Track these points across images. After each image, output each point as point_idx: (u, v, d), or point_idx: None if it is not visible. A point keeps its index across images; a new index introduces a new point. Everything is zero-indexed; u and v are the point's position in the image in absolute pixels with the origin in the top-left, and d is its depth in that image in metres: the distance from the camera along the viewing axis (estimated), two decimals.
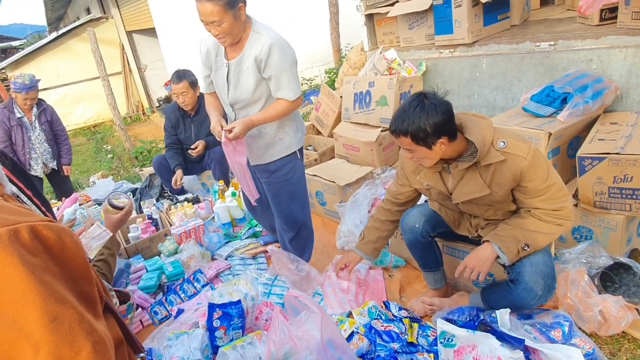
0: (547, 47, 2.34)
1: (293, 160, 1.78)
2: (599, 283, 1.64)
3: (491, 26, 2.70)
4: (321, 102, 3.28)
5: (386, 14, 3.00)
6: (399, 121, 1.29)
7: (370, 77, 2.91)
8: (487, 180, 1.34)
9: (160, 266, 2.09)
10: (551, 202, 1.31)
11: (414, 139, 1.27)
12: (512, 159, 1.29)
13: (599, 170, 1.73)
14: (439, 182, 1.44)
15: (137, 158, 4.75)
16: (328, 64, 5.72)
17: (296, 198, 1.81)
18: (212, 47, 1.70)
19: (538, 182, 1.30)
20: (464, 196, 1.39)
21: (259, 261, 2.19)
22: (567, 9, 2.90)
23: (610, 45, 2.10)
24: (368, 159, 2.70)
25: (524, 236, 1.32)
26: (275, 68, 1.57)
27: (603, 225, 1.79)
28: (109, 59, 7.55)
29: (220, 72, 1.69)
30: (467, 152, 1.34)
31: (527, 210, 1.36)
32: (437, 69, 2.80)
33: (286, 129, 1.75)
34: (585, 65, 2.19)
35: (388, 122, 2.73)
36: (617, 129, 1.88)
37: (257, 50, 1.57)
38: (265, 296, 1.83)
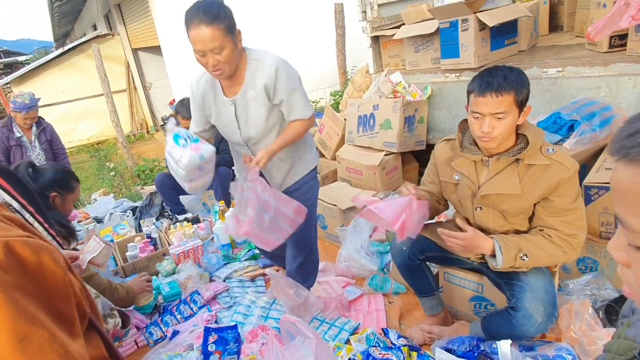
0: (554, 73, 2.45)
1: (311, 180, 1.84)
2: (603, 316, 1.68)
3: (498, 51, 2.82)
4: (325, 124, 3.41)
5: (392, 36, 3.16)
6: (501, 78, 1.26)
7: (375, 100, 3.04)
8: (523, 181, 1.36)
9: (157, 286, 2.17)
10: (568, 227, 1.34)
11: (518, 95, 1.26)
12: (556, 167, 1.31)
13: (606, 200, 1.79)
14: (473, 173, 1.45)
15: (139, 176, 4.92)
16: (334, 86, 5.91)
17: (311, 221, 1.82)
18: (208, 89, 1.65)
19: (567, 200, 1.33)
20: (493, 189, 1.39)
21: (257, 284, 2.26)
22: (576, 35, 3.02)
23: (619, 72, 2.19)
24: (371, 182, 2.80)
25: (527, 247, 1.35)
26: (285, 91, 1.57)
27: (609, 257, 1.83)
28: (114, 76, 7.89)
29: (225, 111, 1.65)
30: (515, 148, 1.37)
31: (539, 230, 1.39)
32: (443, 93, 2.92)
33: (302, 147, 1.79)
34: (594, 93, 2.29)
35: (392, 145, 2.85)
36: None
37: (263, 78, 1.55)
38: (262, 319, 1.89)
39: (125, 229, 2.85)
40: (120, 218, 3.14)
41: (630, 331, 0.61)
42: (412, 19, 3.07)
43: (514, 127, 1.33)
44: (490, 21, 2.58)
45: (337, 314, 1.93)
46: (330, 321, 1.88)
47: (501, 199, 1.40)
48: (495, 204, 1.42)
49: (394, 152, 2.83)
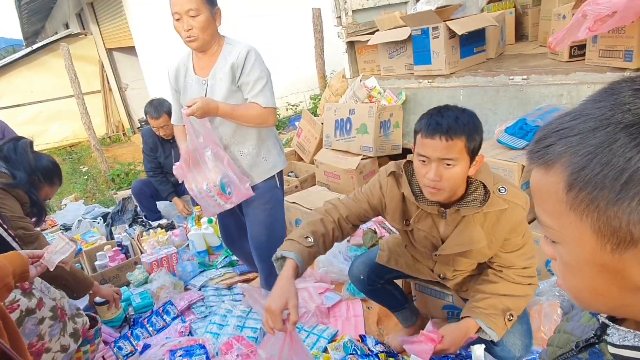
0: (520, 80, 2.48)
1: (272, 189, 1.75)
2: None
3: (468, 58, 2.85)
4: (303, 128, 3.35)
5: (367, 42, 3.13)
6: (452, 119, 1.08)
7: (351, 104, 3.01)
8: (485, 229, 1.22)
9: (127, 297, 2.06)
10: (522, 259, 1.26)
11: (469, 142, 1.09)
12: (513, 208, 1.18)
13: None
14: (433, 228, 1.27)
15: (114, 180, 4.71)
16: (313, 90, 5.86)
17: (272, 230, 1.76)
18: (181, 66, 1.65)
19: (521, 235, 1.25)
20: (457, 247, 1.25)
21: (234, 292, 2.18)
22: (540, 45, 3.09)
23: (579, 81, 2.24)
24: (348, 186, 2.76)
25: (503, 304, 1.22)
26: (251, 74, 1.55)
27: None
28: (88, 77, 7.55)
29: (193, 90, 1.63)
30: (471, 196, 1.20)
31: (498, 270, 1.29)
32: (417, 98, 2.92)
33: (270, 148, 1.72)
34: (556, 100, 2.33)
35: (369, 150, 2.82)
36: None
37: (233, 58, 1.55)
38: (238, 330, 1.82)
39: (94, 236, 2.70)
40: (90, 225, 2.96)
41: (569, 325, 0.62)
42: (386, 26, 3.06)
43: (464, 178, 1.16)
44: (460, 29, 2.59)
45: (315, 321, 1.88)
46: (309, 329, 1.84)
47: (463, 253, 1.28)
48: (458, 254, 1.30)
49: (371, 156, 2.81)
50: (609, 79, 2.14)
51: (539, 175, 0.44)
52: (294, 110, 6.20)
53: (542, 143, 0.44)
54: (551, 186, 0.42)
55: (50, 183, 1.84)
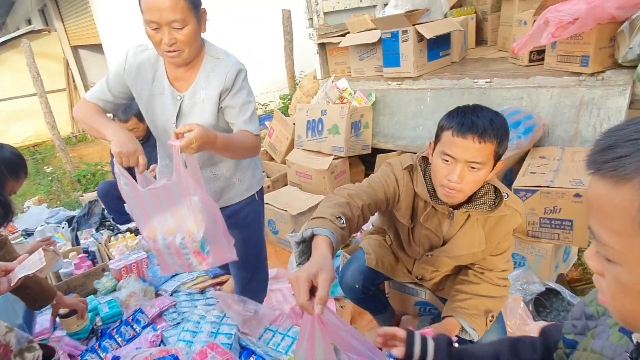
0: (484, 84, 2.47)
1: (250, 203, 1.49)
2: (533, 309, 1.69)
3: (434, 62, 2.81)
4: (274, 128, 3.21)
5: (338, 44, 3.03)
6: (487, 121, 0.96)
7: (323, 105, 2.90)
8: (485, 233, 1.16)
9: (94, 307, 1.85)
10: (503, 262, 1.22)
11: (499, 147, 0.99)
12: (512, 215, 1.13)
13: (532, 201, 1.81)
14: (438, 228, 1.17)
15: (80, 182, 4.33)
16: (283, 90, 5.70)
17: (251, 244, 1.56)
18: (148, 66, 1.26)
19: (510, 240, 1.21)
20: (461, 249, 1.17)
21: (207, 296, 2.02)
22: (499, 50, 3.11)
23: (538, 85, 2.25)
24: (320, 186, 2.66)
25: (485, 305, 1.18)
26: (239, 96, 1.25)
27: (535, 253, 1.86)
28: (52, 75, 6.96)
29: (164, 104, 1.28)
30: (480, 199, 1.11)
31: (479, 272, 1.24)
32: (386, 100, 2.86)
33: (245, 168, 1.45)
34: (517, 103, 2.33)
35: (340, 150, 2.73)
36: (546, 163, 2.00)
37: (220, 80, 1.22)
38: (212, 336, 1.67)
39: (59, 242, 2.43)
40: (54, 230, 2.68)
41: (596, 343, 0.56)
42: (357, 28, 2.97)
43: (482, 182, 1.06)
44: (428, 33, 2.54)
45: (289, 323, 1.76)
46: (284, 331, 1.72)
47: (463, 255, 1.21)
48: (453, 256, 1.22)
49: (342, 156, 2.72)
50: (566, 83, 2.17)
51: (605, 188, 0.38)
52: (264, 109, 6.01)
53: (613, 152, 0.37)
54: (622, 203, 0.36)
55: (16, 177, 1.61)
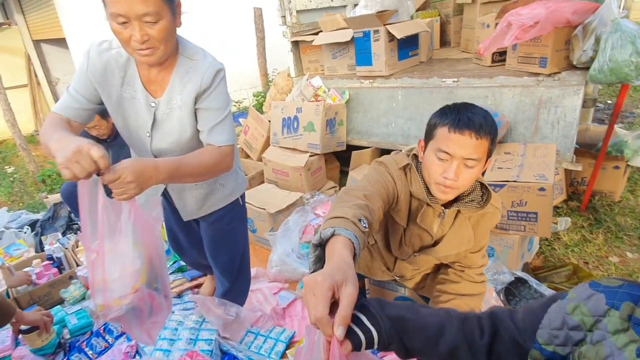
0: (451, 83, 2.47)
1: (234, 208, 1.36)
2: (504, 298, 1.72)
3: (404, 61, 2.79)
4: (249, 125, 3.08)
5: (311, 42, 2.94)
6: (482, 117, 0.92)
7: (298, 102, 2.81)
8: (472, 231, 1.12)
9: (61, 318, 1.68)
10: (481, 257, 1.20)
11: (492, 144, 0.94)
12: (494, 212, 1.10)
13: (500, 195, 1.82)
14: (431, 227, 1.11)
15: (45, 182, 3.98)
16: (256, 87, 5.51)
17: (235, 249, 1.45)
18: (116, 67, 1.07)
19: (488, 237, 1.18)
20: (452, 249, 1.12)
21: (185, 300, 1.90)
22: (462, 51, 3.13)
23: (501, 84, 2.27)
24: (297, 183, 2.58)
25: (467, 304, 1.16)
26: (211, 100, 1.07)
27: (503, 244, 1.89)
28: (13, 70, 6.37)
29: (136, 110, 1.10)
30: (469, 197, 1.06)
31: (460, 270, 1.20)
32: (359, 98, 2.81)
33: (227, 172, 1.27)
34: (483, 101, 2.35)
35: (315, 147, 2.65)
36: (511, 158, 2.03)
37: (195, 83, 1.05)
38: (191, 343, 1.56)
39: (20, 249, 2.19)
40: (15, 236, 2.41)
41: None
42: (329, 27, 2.88)
43: (475, 179, 1.01)
44: (398, 33, 2.50)
45: (271, 324, 1.69)
46: (265, 333, 1.64)
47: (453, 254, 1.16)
48: (442, 255, 1.17)
49: (318, 153, 2.65)
50: (527, 83, 2.20)
51: None
52: (237, 106, 5.81)
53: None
54: None
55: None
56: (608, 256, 1.99)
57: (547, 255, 2.05)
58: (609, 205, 2.34)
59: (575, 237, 2.12)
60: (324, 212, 2.29)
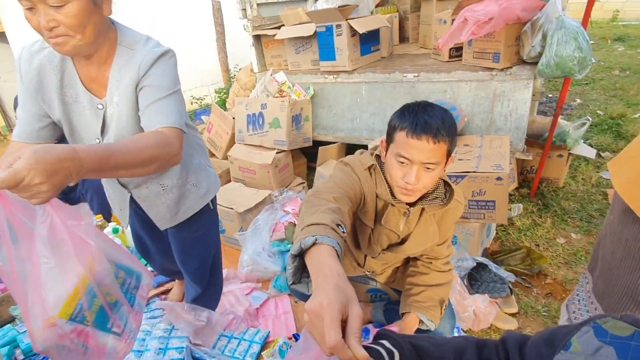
0: (412, 78, 2.49)
1: (203, 213, 1.24)
2: (467, 283, 1.77)
3: (367, 56, 2.77)
4: (213, 123, 2.92)
5: (273, 36, 2.83)
6: (439, 120, 0.89)
7: (262, 98, 2.71)
8: (437, 227, 1.11)
9: (12, 338, 1.50)
10: (446, 248, 1.21)
11: (451, 145, 0.92)
12: (457, 206, 1.10)
13: (461, 186, 1.87)
14: (397, 226, 1.09)
15: None
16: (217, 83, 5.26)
17: (205, 254, 1.36)
18: (50, 66, 0.92)
19: (452, 229, 1.19)
20: (418, 246, 1.11)
21: (151, 307, 1.77)
22: (420, 46, 3.17)
23: (459, 79, 2.32)
24: (265, 181, 2.49)
25: (438, 295, 1.16)
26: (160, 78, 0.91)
27: (465, 232, 1.95)
28: None
29: (79, 114, 0.96)
30: (433, 194, 1.05)
31: (427, 262, 1.21)
32: (324, 93, 2.76)
33: (197, 170, 1.16)
34: (442, 95, 2.39)
35: (282, 144, 2.58)
36: (470, 150, 2.09)
37: (133, 71, 0.92)
38: (160, 353, 1.45)
39: None
40: None
41: None
42: (291, 21, 2.79)
43: (436, 180, 0.99)
44: (360, 28, 2.47)
45: (245, 326, 1.62)
46: (239, 335, 1.57)
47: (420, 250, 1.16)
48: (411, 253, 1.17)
49: (285, 149, 2.57)
50: (482, 77, 2.26)
51: None
52: (199, 103, 5.53)
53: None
54: None
55: None
56: (555, 238, 2.13)
57: (503, 240, 2.15)
58: (555, 191, 2.50)
59: (526, 222, 2.24)
60: (293, 209, 2.24)
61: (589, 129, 3.19)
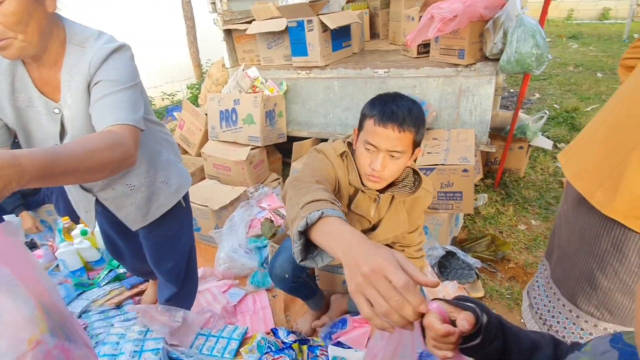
0: (382, 73, 2.51)
1: (176, 211, 1.19)
2: (437, 271, 1.83)
3: (338, 52, 2.76)
4: (185, 119, 2.82)
5: (244, 31, 2.75)
6: (406, 110, 0.91)
7: (235, 94, 2.64)
8: (407, 214, 1.14)
9: None
10: (418, 235, 1.25)
11: (417, 135, 0.94)
12: (426, 195, 1.13)
13: (431, 178, 1.92)
14: (367, 212, 1.11)
15: None
16: (189, 79, 5.06)
17: (179, 254, 1.31)
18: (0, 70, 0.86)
19: (423, 217, 1.22)
20: (389, 232, 1.13)
21: (125, 310, 1.70)
22: (390, 43, 3.20)
23: (427, 74, 2.36)
24: (240, 177, 2.45)
25: None
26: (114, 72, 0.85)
27: (435, 222, 2.00)
28: None
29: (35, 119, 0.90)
30: (402, 182, 1.08)
31: (400, 250, 1.25)
32: (297, 88, 2.72)
33: (166, 165, 1.11)
34: (411, 91, 2.43)
35: (256, 140, 2.53)
36: (438, 144, 2.14)
37: (84, 71, 0.85)
38: (136, 356, 1.41)
39: None
40: None
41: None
42: (262, 16, 2.72)
43: (403, 169, 1.03)
44: (331, 24, 2.46)
45: (222, 324, 1.59)
46: (217, 333, 1.54)
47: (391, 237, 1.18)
48: (381, 239, 1.18)
49: (259, 146, 2.53)
50: (448, 73, 2.31)
51: None
52: (170, 100, 5.32)
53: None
54: None
55: None
56: (517, 225, 2.24)
57: (470, 229, 2.24)
58: (516, 181, 2.62)
59: (491, 211, 2.33)
60: (269, 205, 2.21)
61: (547, 121, 3.36)
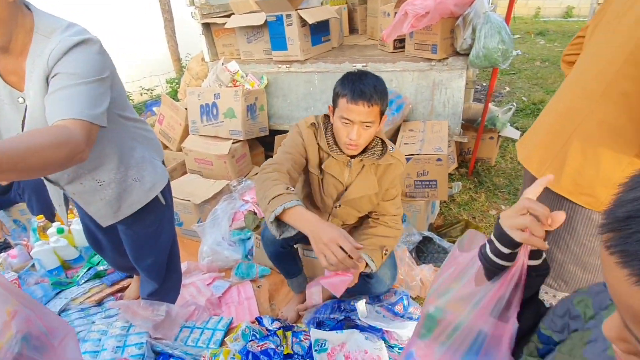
0: (361, 67, 2.52)
1: (155, 208, 1.17)
2: (415, 256, 1.88)
3: (317, 46, 2.75)
4: (164, 114, 2.75)
5: (223, 24, 2.70)
6: (371, 87, 1.07)
7: (215, 88, 2.59)
8: (377, 179, 1.28)
9: None
10: (394, 208, 1.35)
11: (383, 106, 1.12)
12: (396, 164, 1.28)
13: (408, 168, 1.96)
14: (341, 175, 1.27)
15: None
16: (169, 73, 4.91)
17: (159, 249, 1.28)
18: None
19: (397, 187, 1.33)
20: (359, 192, 1.28)
21: (106, 307, 1.66)
22: (368, 38, 3.22)
23: (403, 69, 2.39)
24: (222, 171, 2.42)
25: (380, 242, 1.30)
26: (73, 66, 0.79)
27: (412, 210, 2.06)
28: None
29: (4, 110, 0.87)
30: (372, 150, 1.24)
31: (375, 218, 1.36)
32: (278, 82, 2.70)
33: (139, 163, 1.07)
34: (388, 84, 2.42)
35: (238, 134, 2.50)
36: (414, 135, 2.18)
37: (43, 62, 0.81)
38: (118, 351, 1.38)
39: None
40: None
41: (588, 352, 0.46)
42: (241, 10, 2.68)
43: (374, 136, 1.21)
44: (310, 18, 2.45)
45: (207, 316, 1.58)
46: (201, 325, 1.53)
47: (362, 198, 1.30)
48: (355, 201, 1.31)
49: (241, 139, 2.50)
50: (422, 68, 2.35)
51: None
52: (149, 94, 5.15)
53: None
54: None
55: None
56: (489, 210, 2.33)
57: (446, 215, 2.31)
58: (488, 169, 2.72)
59: (465, 198, 2.42)
60: (252, 198, 2.20)
61: (515, 113, 3.49)
